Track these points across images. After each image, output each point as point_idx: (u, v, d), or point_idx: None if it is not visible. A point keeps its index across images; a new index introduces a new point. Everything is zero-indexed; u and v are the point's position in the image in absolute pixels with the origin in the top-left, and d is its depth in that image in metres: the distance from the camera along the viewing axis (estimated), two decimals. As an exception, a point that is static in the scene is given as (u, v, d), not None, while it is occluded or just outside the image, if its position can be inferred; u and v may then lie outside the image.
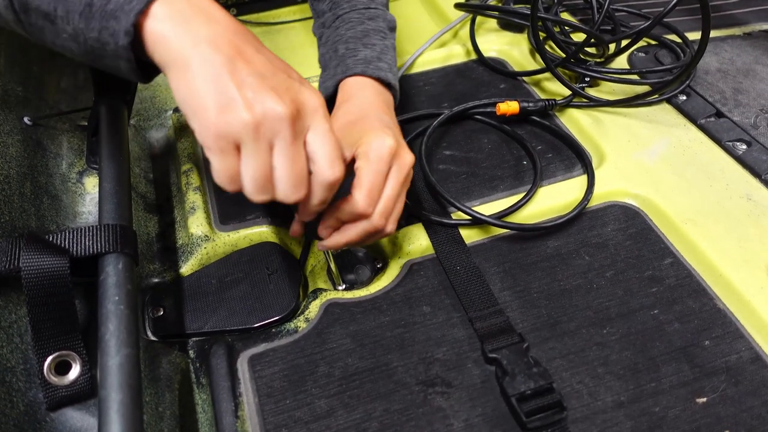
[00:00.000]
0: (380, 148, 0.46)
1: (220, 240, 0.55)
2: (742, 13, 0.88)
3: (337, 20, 0.60)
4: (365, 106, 0.53)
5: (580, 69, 0.70)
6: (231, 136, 0.36)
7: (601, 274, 0.52)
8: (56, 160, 0.56)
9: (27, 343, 0.41)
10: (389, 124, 0.50)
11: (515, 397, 0.43)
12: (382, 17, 0.61)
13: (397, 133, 0.50)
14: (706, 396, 0.44)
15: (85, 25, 0.36)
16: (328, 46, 0.60)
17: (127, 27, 0.35)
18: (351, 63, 0.56)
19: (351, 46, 0.57)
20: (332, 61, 0.58)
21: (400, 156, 0.47)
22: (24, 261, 0.39)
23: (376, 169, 0.45)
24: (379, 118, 0.51)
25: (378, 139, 0.46)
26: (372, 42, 0.58)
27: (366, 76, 0.55)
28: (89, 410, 0.41)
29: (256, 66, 0.37)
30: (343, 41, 0.58)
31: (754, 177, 0.60)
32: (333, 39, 0.59)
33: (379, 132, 0.47)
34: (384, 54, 0.58)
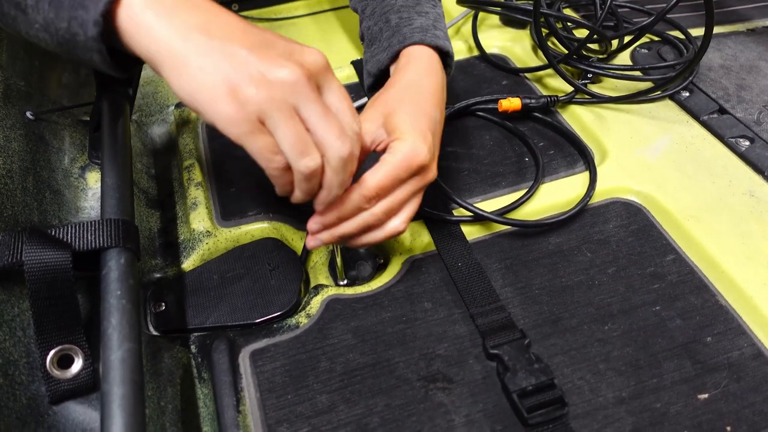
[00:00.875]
0: (412, 157, 0.44)
1: (221, 235, 0.55)
2: (745, 9, 0.88)
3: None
4: (421, 84, 0.50)
5: (582, 65, 0.70)
6: (252, 116, 0.35)
7: (603, 271, 0.52)
8: (58, 155, 0.56)
9: (29, 336, 0.41)
10: (434, 126, 0.47)
11: (516, 392, 0.43)
12: None
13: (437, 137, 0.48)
14: (708, 392, 0.44)
15: (55, 14, 0.34)
16: (376, 17, 0.57)
17: (96, 17, 0.33)
18: (407, 32, 0.53)
19: (405, 15, 0.55)
20: (384, 32, 0.55)
21: (427, 170, 0.46)
22: (27, 255, 0.39)
23: (396, 173, 0.44)
24: (429, 113, 0.48)
25: (415, 144, 0.44)
26: (425, 10, 0.56)
27: (425, 44, 0.53)
28: (91, 404, 0.41)
29: (252, 41, 0.36)
30: (395, 10, 0.55)
31: (756, 173, 0.60)
32: (381, 9, 0.57)
33: (419, 137, 0.44)
34: (438, 22, 0.56)
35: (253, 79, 0.34)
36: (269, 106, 0.35)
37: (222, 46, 0.35)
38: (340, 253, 0.52)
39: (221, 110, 0.35)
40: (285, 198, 0.41)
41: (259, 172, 0.61)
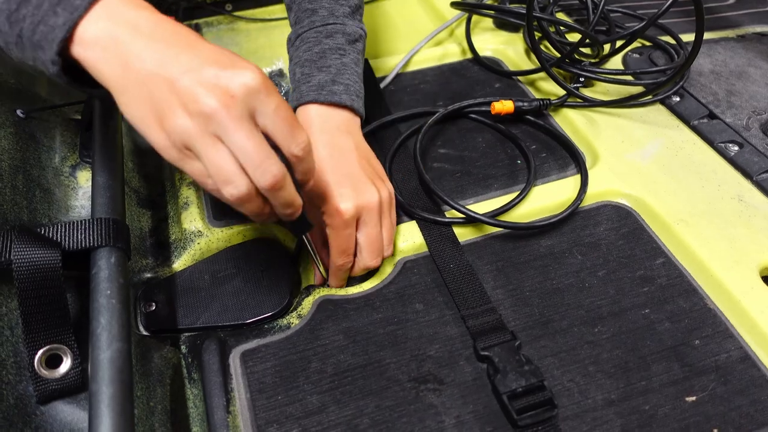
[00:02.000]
0: (340, 215, 0.49)
1: (213, 236, 0.55)
2: (735, 16, 0.89)
3: (297, 39, 0.58)
4: (321, 144, 0.52)
5: (574, 69, 0.70)
6: (178, 144, 0.36)
7: (594, 273, 0.52)
8: (49, 154, 0.56)
9: (17, 336, 0.41)
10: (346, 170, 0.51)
11: (506, 394, 0.43)
12: (341, 32, 0.57)
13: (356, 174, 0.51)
14: (696, 395, 0.44)
15: (21, 54, 0.38)
16: (291, 66, 0.58)
17: (53, 57, 0.36)
18: (304, 90, 0.54)
19: (306, 71, 0.55)
20: (291, 84, 0.57)
21: (363, 205, 0.50)
22: (15, 254, 0.39)
23: (341, 234, 0.49)
24: (336, 163, 0.51)
25: (336, 205, 0.49)
26: (327, 64, 0.55)
27: (319, 103, 0.54)
28: (80, 404, 0.41)
29: (183, 66, 0.36)
30: (299, 64, 0.56)
31: (745, 178, 0.60)
32: (294, 60, 0.58)
33: (335, 198, 0.49)
34: (340, 74, 0.55)
35: (176, 109, 0.36)
36: (190, 136, 0.36)
37: (151, 74, 0.36)
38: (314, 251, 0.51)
39: (153, 138, 0.37)
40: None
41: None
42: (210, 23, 0.86)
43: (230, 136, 0.36)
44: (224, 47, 0.39)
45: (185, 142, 0.36)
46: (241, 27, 0.86)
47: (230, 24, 0.86)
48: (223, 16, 0.86)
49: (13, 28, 0.37)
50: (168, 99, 0.35)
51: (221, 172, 0.37)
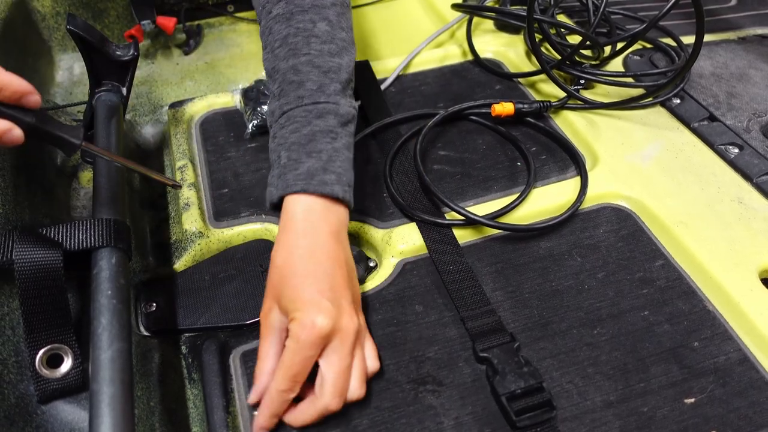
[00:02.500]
0: (309, 332, 0.41)
1: (213, 236, 0.55)
2: (736, 18, 0.89)
3: (282, 116, 0.50)
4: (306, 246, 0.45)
5: (575, 71, 0.70)
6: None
7: (593, 275, 0.52)
8: (51, 154, 0.56)
9: (19, 335, 0.41)
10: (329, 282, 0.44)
11: (505, 396, 0.43)
12: (333, 112, 0.50)
13: (338, 290, 0.44)
14: (695, 396, 0.44)
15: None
16: (275, 144, 0.50)
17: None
18: (291, 179, 0.47)
19: (293, 156, 0.48)
20: (275, 167, 0.49)
21: (338, 330, 0.42)
22: (17, 254, 0.39)
23: (301, 355, 0.41)
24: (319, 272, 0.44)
25: (309, 318, 0.41)
26: (318, 148, 0.48)
27: (308, 194, 0.46)
28: (80, 404, 0.41)
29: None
30: (286, 147, 0.48)
31: (745, 180, 0.60)
32: (279, 140, 0.50)
33: (312, 308, 0.41)
34: (331, 162, 0.48)
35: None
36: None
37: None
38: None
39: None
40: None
41: (252, 173, 0.61)
42: (212, 24, 0.86)
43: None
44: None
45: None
46: (242, 28, 0.86)
47: (232, 25, 0.87)
48: (225, 18, 0.87)
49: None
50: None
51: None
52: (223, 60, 0.81)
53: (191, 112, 0.68)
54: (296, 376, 0.41)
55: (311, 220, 0.46)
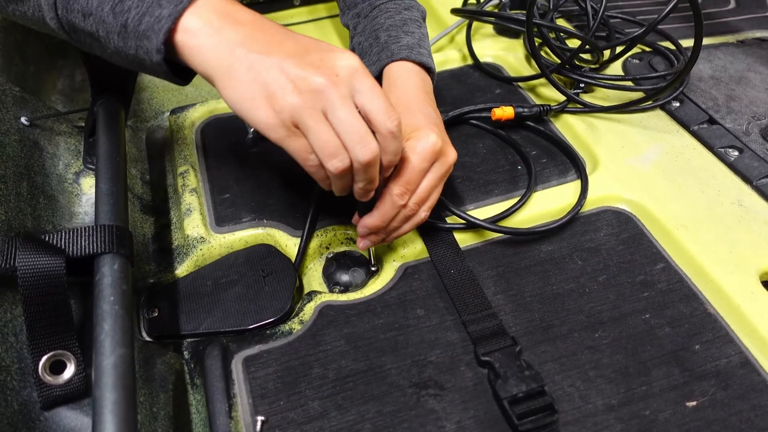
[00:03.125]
0: (426, 146, 0.47)
1: (215, 242, 0.55)
2: (735, 21, 0.89)
3: (374, 10, 0.63)
4: (411, 95, 0.55)
5: (574, 75, 0.70)
6: (287, 122, 0.39)
7: (594, 279, 0.52)
8: (53, 161, 0.56)
9: (22, 342, 0.41)
10: (434, 120, 0.52)
11: (507, 399, 0.43)
12: (416, 8, 0.65)
13: (441, 128, 0.52)
14: (696, 400, 0.44)
15: (123, 44, 0.40)
16: (366, 34, 0.62)
17: (158, 45, 0.39)
18: (395, 49, 0.58)
19: (393, 34, 0.60)
20: (373, 47, 0.60)
21: (444, 153, 0.49)
22: (20, 260, 0.40)
23: (418, 165, 0.47)
24: (426, 112, 0.52)
25: (425, 136, 0.48)
26: (411, 30, 0.61)
27: (410, 60, 0.57)
28: (83, 410, 0.41)
29: (286, 51, 0.39)
30: (384, 29, 0.61)
31: (745, 183, 0.61)
32: (372, 27, 0.62)
33: (425, 129, 0.48)
34: (422, 41, 0.61)
35: (286, 88, 0.38)
36: (301, 113, 0.39)
37: (260, 59, 0.39)
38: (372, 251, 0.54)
39: (260, 117, 0.39)
40: (279, 204, 0.41)
41: (254, 178, 0.61)
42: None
43: (337, 111, 0.39)
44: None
45: (294, 118, 0.39)
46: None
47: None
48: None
49: (117, 19, 0.39)
50: (278, 79, 0.38)
51: (329, 145, 0.40)
52: (223, 66, 0.81)
53: (192, 117, 0.68)
54: (409, 184, 0.47)
55: (412, 80, 0.56)
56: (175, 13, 0.39)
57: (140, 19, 0.39)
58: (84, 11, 0.40)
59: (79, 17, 0.41)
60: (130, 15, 0.39)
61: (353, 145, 0.40)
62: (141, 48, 0.40)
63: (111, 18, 0.39)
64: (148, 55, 0.40)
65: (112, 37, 0.40)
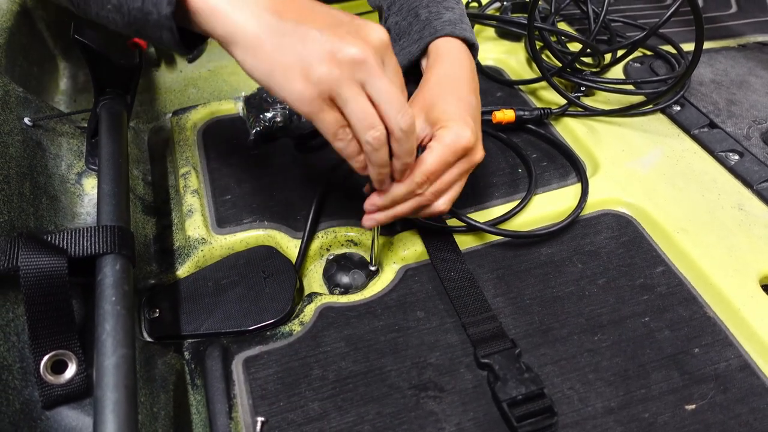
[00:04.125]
0: (457, 141, 0.46)
1: (216, 243, 0.55)
2: (736, 25, 0.89)
3: None
4: (457, 76, 0.52)
5: (575, 78, 0.71)
6: (324, 94, 0.37)
7: (594, 282, 0.53)
8: (55, 161, 0.56)
9: (24, 341, 0.42)
10: (473, 110, 0.50)
11: (506, 402, 0.43)
12: None
13: (477, 121, 0.50)
14: (695, 403, 0.45)
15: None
16: (404, 12, 0.59)
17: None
18: (438, 25, 0.56)
19: (433, 10, 0.57)
20: (413, 26, 0.57)
21: (473, 151, 0.48)
22: (22, 260, 0.40)
23: (444, 157, 0.46)
24: (467, 100, 0.50)
25: (459, 129, 0.46)
26: (451, 5, 0.58)
27: (454, 36, 0.55)
28: (84, 409, 0.42)
29: (320, 20, 0.38)
30: (423, 5, 0.58)
31: (745, 187, 0.61)
32: (409, 5, 0.59)
33: (461, 122, 0.47)
34: (463, 16, 0.59)
35: (323, 59, 0.37)
36: (339, 84, 0.37)
37: (294, 27, 0.37)
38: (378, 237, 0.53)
39: (295, 89, 0.37)
40: (280, 205, 0.41)
41: (255, 179, 0.61)
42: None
43: (375, 81, 0.38)
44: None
45: (332, 89, 0.37)
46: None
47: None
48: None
49: None
50: (314, 50, 0.36)
51: (367, 116, 0.38)
52: (226, 68, 0.81)
53: (194, 119, 0.68)
54: (431, 175, 0.46)
55: (458, 57, 0.54)
56: None
57: None
58: None
59: None
60: None
61: (395, 114, 0.39)
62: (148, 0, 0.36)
63: None
64: (156, 6, 0.36)
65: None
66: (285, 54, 0.37)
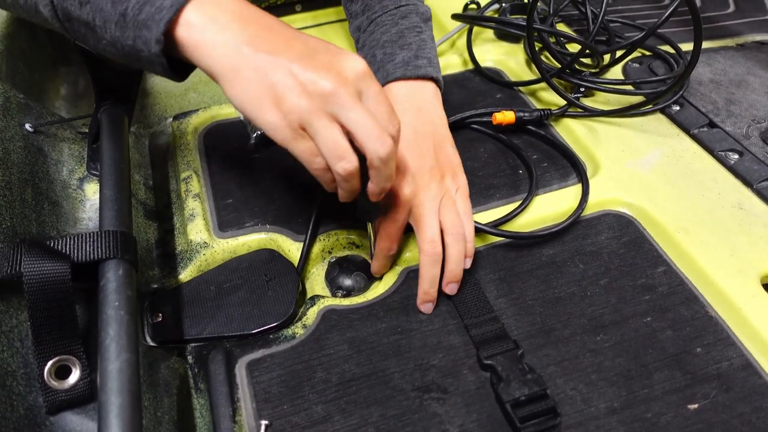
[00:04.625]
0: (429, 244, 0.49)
1: (218, 247, 0.56)
2: (735, 25, 0.89)
3: (371, 24, 0.62)
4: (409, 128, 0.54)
5: (575, 79, 0.71)
6: (294, 124, 0.39)
7: (595, 282, 0.53)
8: (57, 167, 0.57)
9: (27, 347, 0.42)
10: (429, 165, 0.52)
11: (510, 403, 0.43)
12: (415, 11, 0.63)
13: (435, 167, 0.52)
14: (698, 402, 0.45)
15: (121, 33, 0.39)
16: (366, 50, 0.62)
17: (158, 36, 0.38)
18: (390, 68, 0.58)
19: (388, 51, 0.59)
20: (372, 66, 0.58)
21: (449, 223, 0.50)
22: (26, 266, 0.40)
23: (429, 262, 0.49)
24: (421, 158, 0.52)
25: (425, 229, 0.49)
26: (408, 42, 0.59)
27: (405, 79, 0.57)
28: (88, 414, 0.42)
29: (294, 51, 0.39)
30: (380, 46, 0.60)
31: (745, 186, 0.61)
32: (370, 44, 0.61)
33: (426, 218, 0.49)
34: (421, 50, 0.59)
35: (294, 90, 0.38)
36: (309, 115, 0.39)
37: (267, 59, 0.38)
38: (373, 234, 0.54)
39: (267, 119, 0.39)
40: (282, 209, 0.41)
41: (257, 183, 0.61)
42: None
43: (348, 113, 0.39)
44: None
45: (302, 120, 0.39)
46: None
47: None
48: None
49: (115, 8, 0.38)
50: (286, 81, 0.38)
51: (337, 147, 0.40)
52: (226, 71, 0.81)
53: (195, 123, 0.69)
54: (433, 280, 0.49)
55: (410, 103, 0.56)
56: (177, 4, 0.38)
57: (140, 9, 0.38)
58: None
59: (75, 5, 0.39)
60: (129, 4, 0.38)
61: (372, 142, 0.40)
62: (139, 38, 0.39)
63: (109, 6, 0.39)
64: (146, 45, 0.38)
65: (109, 27, 0.39)
66: (259, 85, 0.38)
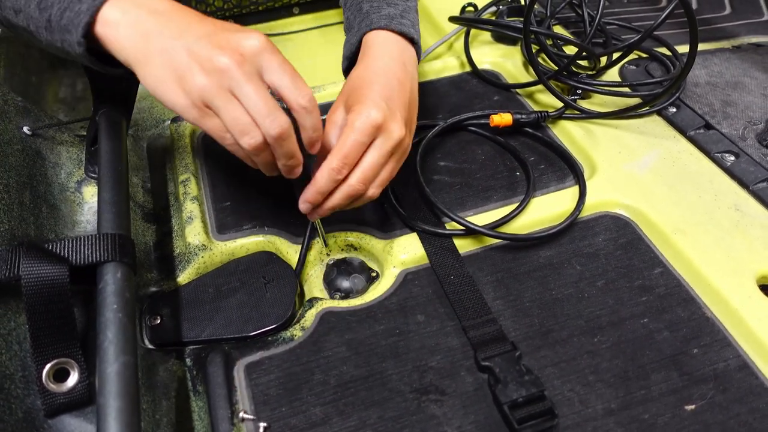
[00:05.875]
0: (364, 120, 0.47)
1: (217, 249, 0.56)
2: (731, 27, 0.90)
3: None
4: (379, 66, 0.53)
5: (572, 81, 0.71)
6: (197, 102, 0.41)
7: (592, 284, 0.53)
8: (55, 170, 0.57)
9: (26, 350, 0.42)
10: (390, 94, 0.50)
11: (507, 404, 0.43)
12: None
13: (396, 102, 0.50)
14: (695, 403, 0.45)
15: (51, 37, 0.43)
16: (353, 8, 0.61)
17: (78, 39, 0.41)
18: (375, 18, 0.57)
19: (375, 4, 0.59)
20: (356, 19, 0.59)
21: (386, 129, 0.48)
22: (24, 269, 0.40)
23: (353, 138, 0.47)
24: (386, 85, 0.51)
25: (366, 110, 0.47)
26: (395, 2, 0.60)
27: (389, 30, 0.57)
28: (87, 417, 0.42)
29: (195, 33, 0.41)
30: (367, 0, 0.60)
31: (742, 188, 0.61)
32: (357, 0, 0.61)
33: (370, 103, 0.48)
34: (407, 12, 0.60)
35: (194, 69, 0.40)
36: (210, 92, 0.40)
37: (170, 42, 0.41)
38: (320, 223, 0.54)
39: (173, 99, 0.41)
40: (280, 211, 0.42)
41: (255, 185, 0.62)
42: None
43: (242, 89, 0.40)
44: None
45: (204, 98, 0.40)
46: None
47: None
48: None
49: (42, 14, 0.42)
50: (186, 62, 0.40)
51: (238, 123, 0.41)
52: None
53: (193, 126, 0.69)
54: (346, 158, 0.47)
55: (388, 49, 0.55)
56: (92, 7, 0.41)
57: (61, 14, 0.41)
58: (15, 8, 0.43)
59: (11, 13, 0.44)
60: (52, 11, 0.42)
61: (262, 120, 0.41)
62: (65, 41, 0.42)
63: (37, 14, 0.42)
64: (71, 47, 0.42)
65: (41, 32, 0.43)
66: (164, 68, 0.41)
